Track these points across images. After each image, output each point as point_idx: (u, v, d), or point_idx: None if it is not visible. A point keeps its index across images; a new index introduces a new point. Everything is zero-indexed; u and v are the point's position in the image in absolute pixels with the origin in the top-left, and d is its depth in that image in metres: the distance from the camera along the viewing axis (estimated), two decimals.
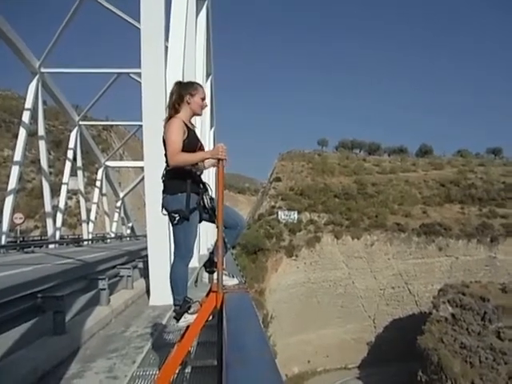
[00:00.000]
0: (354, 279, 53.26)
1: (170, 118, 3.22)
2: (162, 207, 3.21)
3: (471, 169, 66.16)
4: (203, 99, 3.33)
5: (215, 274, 2.97)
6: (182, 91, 3.26)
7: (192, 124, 3.36)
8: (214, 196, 3.26)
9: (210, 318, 2.94)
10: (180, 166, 3.09)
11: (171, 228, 3.24)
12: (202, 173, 3.28)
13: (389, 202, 59.92)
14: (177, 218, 3.10)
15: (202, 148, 3.27)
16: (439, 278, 50.53)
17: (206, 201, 3.22)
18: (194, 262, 14.10)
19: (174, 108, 3.24)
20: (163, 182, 3.22)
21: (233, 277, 3.17)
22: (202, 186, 3.24)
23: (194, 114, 3.33)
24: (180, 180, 3.12)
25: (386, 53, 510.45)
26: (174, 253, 3.28)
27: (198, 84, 3.38)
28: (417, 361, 37.13)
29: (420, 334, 37.67)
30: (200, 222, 3.29)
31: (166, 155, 3.17)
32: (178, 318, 3.18)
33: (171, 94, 3.30)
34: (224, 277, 3.06)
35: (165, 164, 3.20)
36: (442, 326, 36.76)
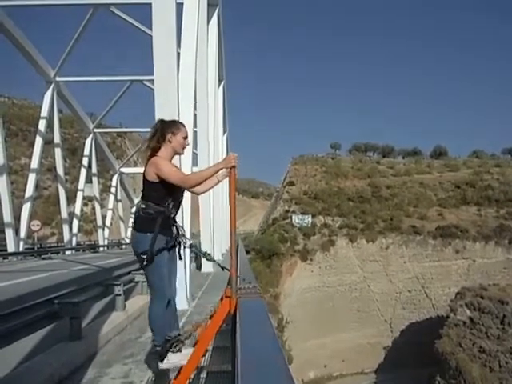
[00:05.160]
0: (369, 283, 52.85)
1: (150, 156, 3.21)
2: (132, 245, 3.27)
3: (487, 170, 65.30)
4: (185, 138, 3.33)
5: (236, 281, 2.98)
6: (165, 130, 3.26)
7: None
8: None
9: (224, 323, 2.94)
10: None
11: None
12: (176, 214, 3.26)
13: (404, 204, 59.43)
14: (145, 260, 3.11)
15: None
16: (456, 281, 49.88)
17: (182, 242, 3.27)
18: (209, 267, 14.13)
19: (154, 146, 3.24)
20: (134, 218, 3.25)
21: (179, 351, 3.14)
22: (175, 229, 3.25)
23: (176, 153, 3.33)
24: (151, 219, 3.12)
25: (397, 52, 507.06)
26: (150, 294, 3.31)
27: (180, 123, 3.39)
28: (435, 365, 36.62)
29: (438, 338, 37.18)
30: (180, 259, 3.36)
31: (142, 192, 3.22)
32: (161, 358, 3.19)
33: (154, 130, 3.29)
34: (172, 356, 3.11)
35: (140, 201, 3.24)
36: (459, 330, 36.23)
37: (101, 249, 31.82)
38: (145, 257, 3.09)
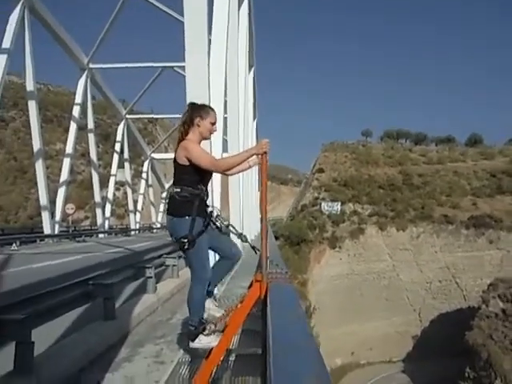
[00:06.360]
0: (398, 272, 52.26)
1: (179, 141, 3.25)
2: (169, 230, 3.29)
3: None
4: (213, 124, 3.33)
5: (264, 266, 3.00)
6: (194, 114, 3.27)
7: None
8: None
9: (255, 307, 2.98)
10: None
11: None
12: (208, 196, 3.29)
13: (436, 193, 58.25)
14: (187, 244, 3.13)
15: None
16: (489, 271, 48.66)
17: (218, 222, 3.30)
18: None
19: (183, 129, 3.27)
20: (168, 203, 3.27)
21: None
22: (207, 209, 3.28)
23: (203, 137, 3.32)
24: (187, 203, 3.15)
25: (432, 37, 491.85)
26: (191, 276, 3.35)
27: (210, 108, 3.39)
28: (464, 356, 36.09)
29: (468, 330, 36.55)
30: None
31: (175, 176, 3.24)
32: (192, 338, 3.26)
33: (183, 114, 3.33)
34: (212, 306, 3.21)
35: (172, 185, 3.27)
36: (491, 322, 35.51)
37: (132, 232, 32.50)
38: (186, 241, 3.13)
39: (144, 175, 39.17)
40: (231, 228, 3.28)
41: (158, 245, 17.43)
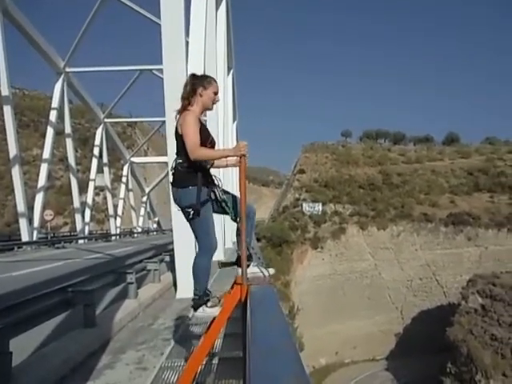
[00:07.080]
0: (380, 270, 52.80)
1: (182, 110, 3.21)
2: (175, 201, 3.24)
3: (500, 156, 64.44)
4: (216, 93, 3.30)
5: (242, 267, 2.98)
6: (196, 84, 3.24)
7: (203, 119, 3.34)
8: (226, 188, 3.30)
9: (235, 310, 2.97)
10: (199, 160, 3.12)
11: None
12: (211, 166, 3.27)
13: (415, 191, 59.09)
14: (191, 213, 3.11)
15: (212, 142, 3.25)
16: (468, 268, 49.56)
17: (217, 193, 3.24)
18: (220, 255, 14.20)
19: (186, 100, 3.23)
20: (173, 174, 3.23)
21: (266, 267, 3.16)
22: (211, 179, 3.25)
23: (205, 108, 3.31)
24: (191, 173, 3.12)
25: (408, 38, 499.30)
26: (198, 246, 3.32)
27: (212, 78, 3.35)
28: (446, 352, 36.61)
29: (449, 326, 37.10)
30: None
31: (177, 147, 3.19)
32: (195, 308, 3.23)
33: (185, 85, 3.28)
34: (253, 269, 3.10)
35: (175, 157, 3.22)
36: (471, 318, 36.11)
37: (113, 238, 32.11)
38: (190, 210, 3.10)
39: (124, 179, 38.76)
40: (224, 204, 3.26)
41: (140, 249, 17.28)
